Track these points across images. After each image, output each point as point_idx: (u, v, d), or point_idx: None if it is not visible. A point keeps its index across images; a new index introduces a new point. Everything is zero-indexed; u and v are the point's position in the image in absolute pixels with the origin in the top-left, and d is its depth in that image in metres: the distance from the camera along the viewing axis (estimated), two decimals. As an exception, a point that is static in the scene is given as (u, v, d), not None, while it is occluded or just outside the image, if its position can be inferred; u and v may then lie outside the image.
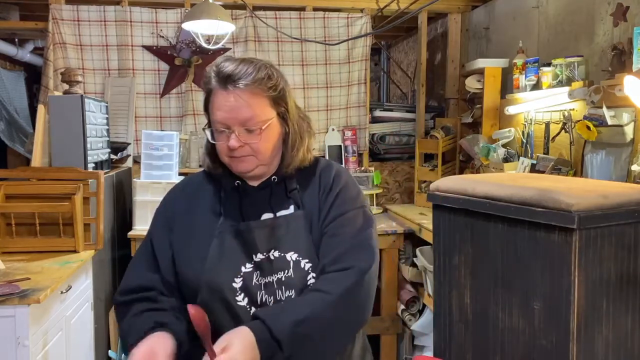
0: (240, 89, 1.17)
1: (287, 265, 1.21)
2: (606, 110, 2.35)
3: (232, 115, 1.18)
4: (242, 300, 1.19)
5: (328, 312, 1.12)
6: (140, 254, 1.30)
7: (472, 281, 1.96)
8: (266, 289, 1.20)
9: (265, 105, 1.21)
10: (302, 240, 1.22)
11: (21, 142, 3.80)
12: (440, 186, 2.11)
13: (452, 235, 2.05)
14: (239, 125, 1.19)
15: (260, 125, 1.20)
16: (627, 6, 2.40)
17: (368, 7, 3.98)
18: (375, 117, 4.22)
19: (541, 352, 1.68)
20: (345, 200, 1.26)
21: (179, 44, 3.76)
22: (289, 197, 1.27)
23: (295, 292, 1.20)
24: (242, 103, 1.17)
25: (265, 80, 1.19)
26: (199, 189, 1.31)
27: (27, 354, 1.87)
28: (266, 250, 1.21)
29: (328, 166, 1.33)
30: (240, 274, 1.20)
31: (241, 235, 1.22)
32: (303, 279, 1.20)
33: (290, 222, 1.24)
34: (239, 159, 1.23)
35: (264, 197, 1.28)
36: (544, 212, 1.63)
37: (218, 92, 1.19)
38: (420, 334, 3.34)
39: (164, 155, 3.18)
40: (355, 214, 1.25)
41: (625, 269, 1.66)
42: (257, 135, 1.20)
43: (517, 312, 1.76)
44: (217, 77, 1.19)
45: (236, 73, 1.17)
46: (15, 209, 2.47)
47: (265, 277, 1.20)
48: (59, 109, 2.72)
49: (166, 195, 1.36)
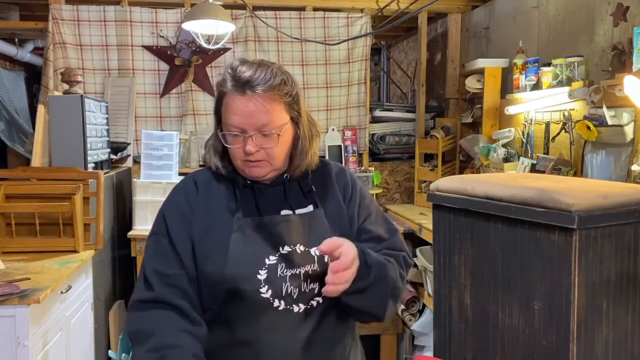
0: (258, 94, 1.18)
1: (312, 259, 1.24)
2: (606, 110, 2.35)
3: (250, 120, 1.18)
4: (266, 292, 1.20)
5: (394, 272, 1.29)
6: (158, 253, 1.25)
7: (472, 281, 1.96)
8: (291, 281, 1.21)
9: (281, 110, 1.22)
10: (325, 237, 1.22)
11: (21, 142, 3.79)
12: (440, 186, 2.11)
13: (452, 235, 2.05)
14: (255, 130, 1.19)
15: (277, 130, 1.21)
16: (627, 6, 2.40)
17: (368, 7, 3.98)
18: (375, 117, 4.22)
19: (541, 352, 1.68)
20: (370, 201, 1.41)
21: (179, 44, 3.76)
22: (307, 197, 1.30)
23: (319, 284, 1.22)
24: (260, 108, 1.18)
25: (281, 86, 1.21)
26: (210, 185, 1.30)
27: (27, 354, 1.87)
28: (293, 243, 1.24)
29: (342, 170, 1.41)
30: (265, 266, 1.21)
31: (265, 229, 1.23)
32: (326, 272, 1.20)
33: (312, 219, 1.27)
34: (254, 164, 1.24)
35: (278, 194, 1.29)
36: (544, 212, 1.63)
37: (234, 97, 1.19)
38: (420, 334, 3.34)
39: (164, 155, 3.18)
40: (380, 213, 1.42)
41: (625, 269, 1.66)
42: (274, 140, 1.21)
43: (517, 312, 1.76)
44: (234, 81, 1.19)
45: (255, 78, 1.18)
46: (15, 209, 2.47)
47: (292, 269, 1.22)
48: (59, 109, 2.72)
49: (176, 191, 1.32)
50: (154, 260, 1.24)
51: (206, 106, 3.85)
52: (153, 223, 1.31)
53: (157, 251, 1.25)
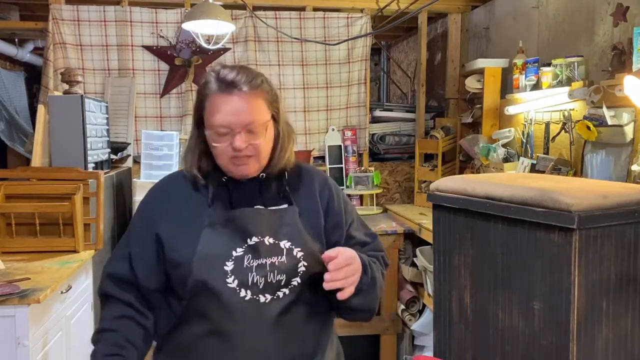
0: (243, 92, 1.23)
1: (281, 251, 1.27)
2: (606, 110, 2.35)
3: (237, 118, 1.23)
4: (232, 283, 1.23)
5: (379, 273, 1.38)
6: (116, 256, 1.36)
7: (472, 281, 1.96)
8: (257, 271, 1.24)
9: (264, 107, 1.27)
10: (296, 231, 1.29)
11: (21, 142, 3.79)
12: (440, 186, 2.11)
13: (452, 235, 2.05)
14: (242, 127, 1.24)
15: (263, 127, 1.26)
16: (627, 6, 2.40)
17: (368, 7, 3.98)
18: (375, 117, 4.22)
19: (541, 352, 1.68)
20: (352, 208, 1.48)
21: (179, 44, 3.76)
22: (281, 197, 1.34)
23: (286, 276, 1.26)
24: (245, 106, 1.23)
25: (262, 85, 1.27)
26: (185, 185, 1.35)
27: (27, 354, 1.87)
28: (261, 234, 1.27)
29: (324, 178, 1.45)
30: (231, 257, 1.24)
31: (235, 221, 1.27)
32: (294, 265, 1.27)
33: (284, 215, 1.31)
34: (242, 161, 1.27)
35: (253, 189, 1.33)
36: (544, 212, 1.63)
37: (219, 96, 1.24)
38: (420, 334, 3.34)
39: (163, 155, 3.18)
40: (357, 216, 1.48)
41: (625, 269, 1.66)
42: (260, 136, 1.26)
43: (517, 312, 1.76)
44: (219, 82, 1.24)
45: (239, 79, 1.24)
46: (15, 209, 2.47)
47: (258, 259, 1.25)
48: (59, 109, 2.72)
49: (148, 194, 1.39)
50: (110, 264, 1.36)
51: (206, 106, 3.85)
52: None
53: (115, 255, 1.37)
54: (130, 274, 1.31)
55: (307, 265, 1.28)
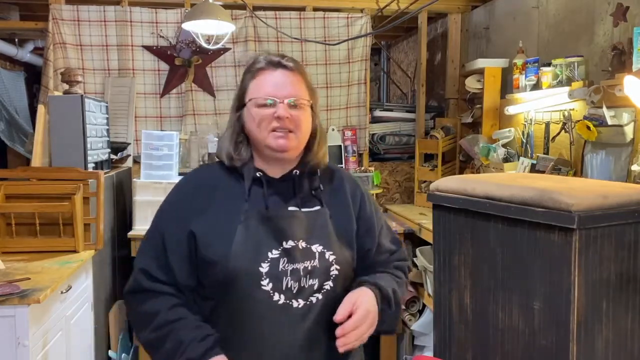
0: (290, 69, 1.31)
1: (313, 255, 1.27)
2: (606, 110, 2.35)
3: (282, 89, 1.29)
4: (267, 285, 1.22)
5: (402, 289, 1.40)
6: (147, 252, 1.31)
7: (472, 281, 1.96)
8: (292, 275, 1.23)
9: (305, 89, 1.34)
10: (328, 235, 1.30)
11: (21, 142, 3.79)
12: (440, 186, 2.11)
13: (452, 235, 2.05)
14: (286, 98, 1.28)
15: (305, 104, 1.32)
16: (627, 6, 2.40)
17: (368, 7, 3.98)
18: (375, 117, 4.22)
19: (541, 352, 1.68)
20: (381, 213, 1.50)
21: (179, 44, 3.76)
22: (314, 195, 1.34)
23: (318, 280, 1.25)
24: (291, 80, 1.31)
25: (304, 71, 1.36)
26: (219, 179, 1.33)
27: (27, 354, 1.87)
28: (296, 238, 1.26)
29: (354, 180, 1.48)
30: (267, 259, 1.23)
31: (271, 222, 1.26)
32: (327, 269, 1.27)
33: (317, 218, 1.31)
34: (281, 133, 1.28)
35: (287, 188, 1.33)
36: (544, 212, 1.63)
37: (267, 72, 1.31)
38: (420, 334, 3.34)
39: (164, 155, 3.18)
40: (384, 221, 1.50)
41: (625, 269, 1.66)
42: (302, 110, 1.31)
43: (517, 312, 1.76)
44: (267, 60, 1.31)
45: (285, 59, 1.32)
46: (15, 209, 2.46)
47: (293, 263, 1.24)
48: (59, 109, 2.71)
49: (175, 189, 1.36)
50: (143, 258, 1.31)
51: (206, 106, 3.86)
52: (153, 218, 1.36)
53: (145, 250, 1.32)
54: (165, 269, 1.27)
55: (339, 269, 1.28)
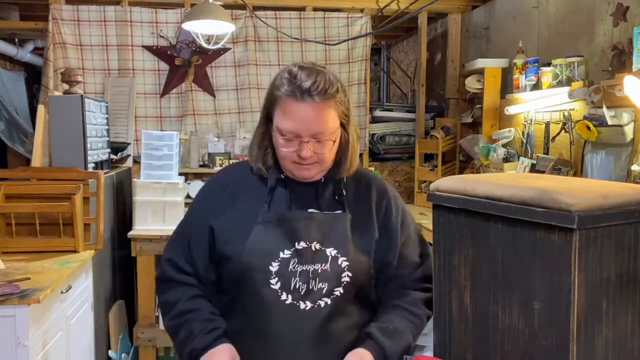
0: (316, 102, 1.20)
1: (326, 259, 1.25)
2: (606, 110, 2.35)
3: (307, 127, 1.21)
4: (275, 284, 1.23)
5: (417, 336, 1.41)
6: (178, 239, 1.37)
7: (472, 281, 1.96)
8: (300, 277, 1.24)
9: (335, 116, 1.25)
10: (345, 240, 1.27)
11: (21, 142, 3.79)
12: (440, 186, 2.10)
13: (452, 235, 2.04)
14: (310, 137, 1.22)
15: (331, 137, 1.24)
16: (627, 6, 2.40)
17: (368, 7, 3.98)
18: (375, 117, 4.22)
19: (541, 352, 1.68)
20: (411, 221, 1.43)
21: (179, 44, 3.76)
22: (337, 201, 1.31)
23: (328, 285, 1.24)
24: (317, 115, 1.21)
25: (337, 94, 1.24)
26: (246, 179, 1.35)
27: (27, 354, 1.87)
28: (309, 240, 1.25)
29: (384, 186, 1.42)
30: (278, 258, 1.24)
31: (286, 223, 1.26)
32: (338, 274, 1.25)
33: (336, 221, 1.29)
34: (305, 167, 1.26)
35: (310, 192, 1.31)
36: (544, 212, 1.63)
37: (292, 102, 1.21)
38: (420, 334, 3.33)
39: (164, 155, 3.17)
40: (418, 234, 1.44)
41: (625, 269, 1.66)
42: (327, 146, 1.24)
43: (517, 312, 1.76)
44: (293, 86, 1.20)
45: (314, 87, 1.19)
46: (15, 209, 2.46)
47: (303, 265, 1.24)
48: (59, 109, 2.71)
49: (207, 184, 1.41)
50: (171, 248, 1.37)
51: (206, 106, 3.86)
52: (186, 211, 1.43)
53: (174, 241, 1.37)
54: (190, 260, 1.32)
55: (351, 276, 1.26)
